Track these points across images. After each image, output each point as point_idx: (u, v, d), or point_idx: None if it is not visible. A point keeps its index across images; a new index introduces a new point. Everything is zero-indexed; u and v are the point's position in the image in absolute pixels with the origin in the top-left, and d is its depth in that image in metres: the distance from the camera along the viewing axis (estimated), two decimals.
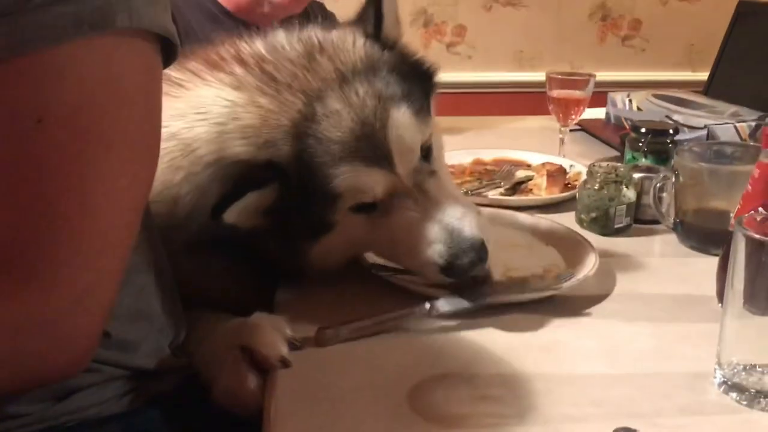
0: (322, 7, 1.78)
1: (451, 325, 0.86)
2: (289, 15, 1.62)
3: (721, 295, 0.91)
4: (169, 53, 0.71)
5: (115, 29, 0.62)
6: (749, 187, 0.90)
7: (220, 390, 0.78)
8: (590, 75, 1.49)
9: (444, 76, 3.21)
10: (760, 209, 0.88)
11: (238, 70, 0.89)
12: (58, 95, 0.60)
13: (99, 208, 0.63)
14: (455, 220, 0.87)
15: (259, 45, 0.92)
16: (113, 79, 0.63)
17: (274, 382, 0.75)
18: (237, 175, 0.82)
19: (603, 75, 2.82)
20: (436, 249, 0.86)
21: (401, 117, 0.86)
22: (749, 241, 0.72)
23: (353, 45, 0.91)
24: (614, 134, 1.68)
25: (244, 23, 1.56)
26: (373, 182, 0.86)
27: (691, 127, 1.53)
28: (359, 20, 0.97)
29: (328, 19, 1.73)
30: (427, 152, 0.90)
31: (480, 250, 0.86)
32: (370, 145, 0.85)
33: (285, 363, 0.77)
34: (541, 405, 0.72)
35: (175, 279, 0.84)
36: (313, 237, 0.88)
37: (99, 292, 0.64)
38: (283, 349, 0.78)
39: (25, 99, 0.60)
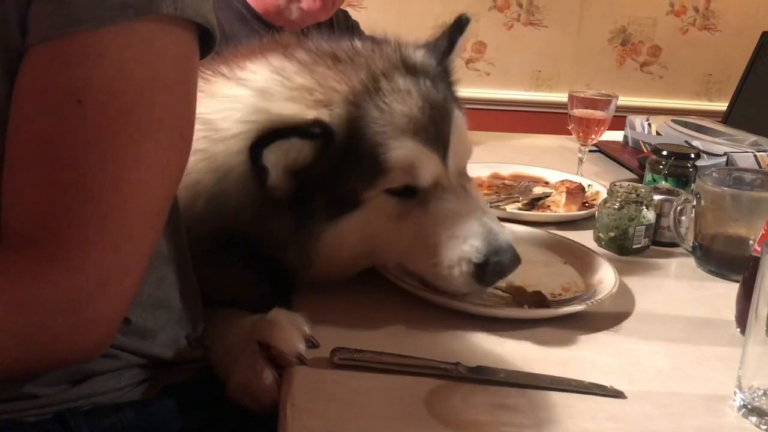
0: (346, 15, 1.79)
1: (470, 333, 0.86)
2: (317, 22, 1.63)
3: (740, 320, 0.91)
4: (207, 44, 0.71)
5: (159, 15, 0.62)
6: None
7: (235, 384, 0.78)
8: (612, 96, 1.50)
9: (462, 92, 3.22)
10: None
11: (294, 50, 0.91)
12: (98, 77, 0.61)
13: (131, 193, 0.63)
14: (494, 222, 0.88)
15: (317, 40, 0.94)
16: (153, 64, 0.64)
17: (290, 378, 0.75)
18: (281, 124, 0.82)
19: (620, 99, 2.84)
20: (473, 244, 0.85)
21: (461, 118, 0.91)
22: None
23: (414, 48, 0.97)
24: (632, 157, 1.69)
25: (272, 27, 1.57)
26: (430, 165, 0.87)
27: (711, 154, 1.53)
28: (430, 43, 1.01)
29: (352, 28, 1.75)
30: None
31: (516, 254, 0.87)
32: (434, 130, 0.87)
33: (301, 360, 0.77)
34: (559, 417, 0.72)
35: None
36: (334, 215, 0.85)
37: (124, 277, 0.64)
38: (300, 346, 0.77)
39: (66, 79, 0.60)
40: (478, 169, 1.50)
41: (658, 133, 1.70)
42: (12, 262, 0.60)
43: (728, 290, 0.97)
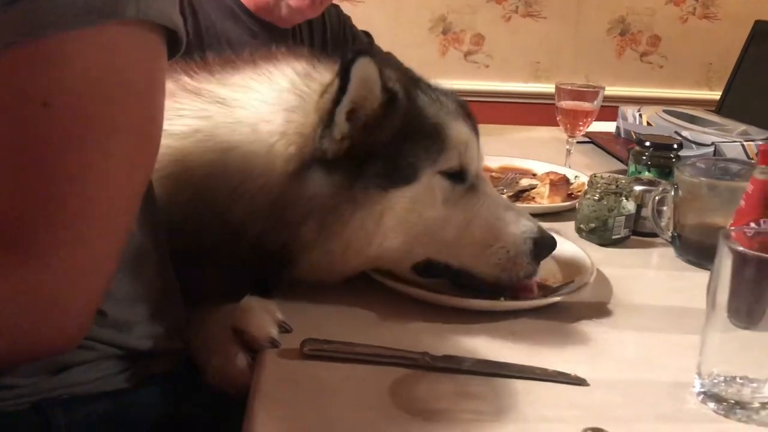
0: (338, 10, 1.81)
1: (441, 324, 0.87)
2: (307, 19, 1.64)
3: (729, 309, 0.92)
4: (175, 46, 0.73)
5: (123, 19, 0.64)
6: (742, 203, 0.91)
7: (213, 370, 0.80)
8: (600, 87, 1.51)
9: (460, 85, 3.26)
10: (752, 224, 0.89)
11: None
12: (64, 81, 0.63)
13: (99, 193, 0.65)
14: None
15: None
16: (119, 67, 0.66)
17: (260, 368, 0.77)
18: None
19: (620, 90, 2.85)
20: (527, 224, 0.92)
21: None
22: (736, 255, 0.73)
23: None
24: (623, 148, 1.69)
25: (263, 23, 1.59)
26: (476, 152, 0.95)
27: (699, 144, 1.53)
28: None
29: (343, 22, 1.76)
30: None
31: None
32: (472, 127, 0.96)
33: (274, 343, 0.79)
34: (520, 404, 0.73)
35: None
36: (386, 184, 0.86)
37: (95, 274, 0.67)
38: (273, 331, 0.80)
39: (32, 83, 0.62)
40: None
41: (648, 124, 1.71)
42: None
43: (706, 280, 0.98)
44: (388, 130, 0.87)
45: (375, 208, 0.86)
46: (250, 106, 0.89)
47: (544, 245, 0.93)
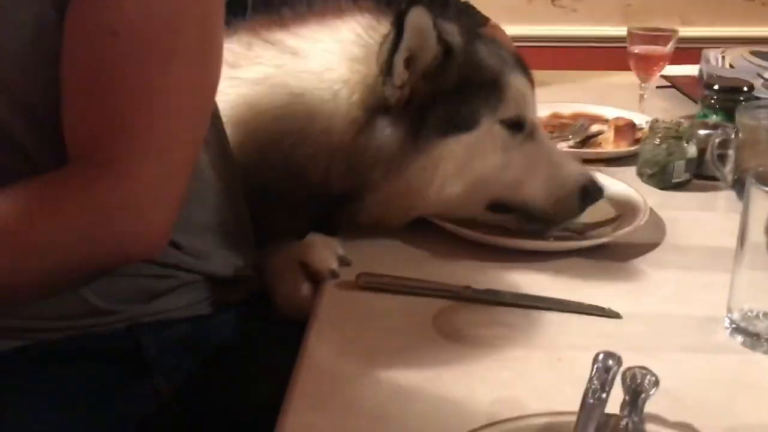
0: None
1: (490, 263, 0.94)
2: None
3: None
4: None
5: None
6: None
7: (281, 297, 0.91)
8: (673, 30, 1.49)
9: (548, 30, 3.22)
10: None
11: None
12: (129, 12, 0.72)
13: (165, 109, 0.75)
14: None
15: None
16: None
17: (320, 297, 0.87)
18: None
19: (719, 30, 2.73)
20: (577, 171, 1.00)
21: None
22: None
23: None
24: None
25: None
26: (534, 100, 1.01)
27: None
28: None
29: None
30: None
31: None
32: (529, 78, 1.02)
33: (334, 274, 0.89)
34: (552, 334, 0.80)
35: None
36: (449, 131, 0.92)
37: (168, 184, 0.76)
38: (333, 264, 0.90)
39: (102, 15, 0.72)
40: (537, 109, 1.54)
41: (731, 66, 1.67)
42: (72, 173, 0.74)
43: None
44: (448, 80, 0.93)
45: (435, 153, 0.93)
46: (318, 55, 0.97)
47: (592, 190, 0.99)
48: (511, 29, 2.23)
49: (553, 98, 1.62)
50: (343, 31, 0.99)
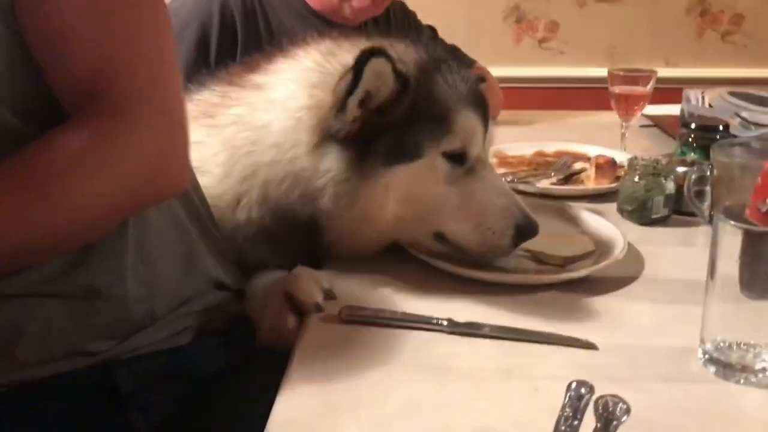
0: (403, 6, 1.89)
1: (470, 295, 0.96)
2: (372, 17, 1.74)
3: (741, 281, 0.96)
4: None
5: None
6: (759, 180, 0.95)
7: (266, 326, 0.93)
8: (651, 71, 1.53)
9: (535, 72, 3.29)
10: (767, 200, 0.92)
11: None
12: None
13: (154, 48, 0.80)
14: (516, 196, 1.05)
15: None
16: None
17: (304, 330, 0.89)
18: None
19: (701, 72, 2.80)
20: (515, 211, 1.00)
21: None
22: (746, 232, 0.78)
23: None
24: None
25: (330, 23, 1.70)
26: (480, 137, 1.03)
27: (758, 125, 1.53)
28: None
29: (408, 18, 1.85)
30: None
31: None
32: (482, 112, 1.04)
33: (318, 308, 0.91)
34: (530, 365, 0.82)
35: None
36: (392, 161, 0.95)
37: (179, 130, 0.80)
38: (318, 297, 0.92)
39: None
40: (522, 147, 1.58)
41: (710, 105, 1.71)
42: (87, 127, 0.76)
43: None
44: (398, 112, 0.96)
45: (381, 181, 0.96)
46: (281, 85, 1.02)
47: (525, 231, 1.00)
48: (499, 71, 2.29)
49: (538, 137, 1.67)
50: (304, 59, 1.05)
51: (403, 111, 0.96)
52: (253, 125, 1.01)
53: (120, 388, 0.85)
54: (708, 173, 1.15)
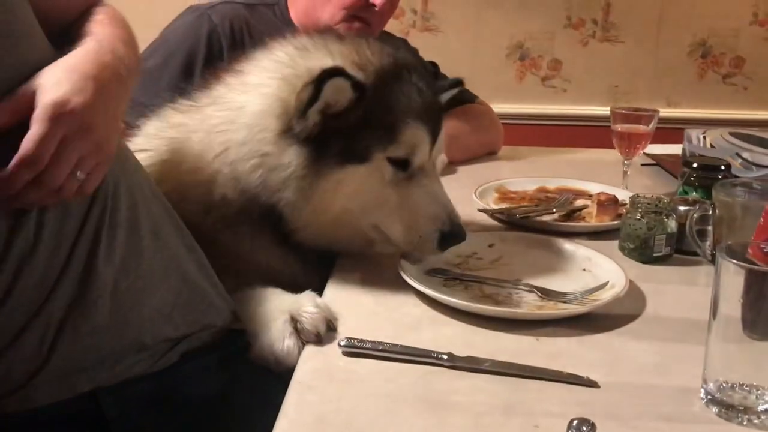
0: (405, 43, 1.91)
1: (467, 327, 0.95)
2: None
3: (744, 321, 0.96)
4: None
5: None
6: (762, 220, 0.95)
7: (263, 344, 0.94)
8: (654, 110, 1.54)
9: (538, 109, 3.31)
10: None
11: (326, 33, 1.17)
12: None
13: None
14: (450, 202, 1.13)
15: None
16: None
17: (303, 356, 0.89)
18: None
19: (702, 112, 2.82)
20: (442, 218, 1.10)
21: (442, 122, 1.16)
22: (749, 271, 0.78)
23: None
24: None
25: None
26: (425, 149, 1.11)
27: (759, 165, 1.54)
28: None
29: (410, 53, 1.86)
30: None
31: (464, 229, 1.12)
32: (432, 126, 1.12)
33: (319, 339, 0.91)
34: (530, 401, 0.81)
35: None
36: (343, 161, 1.04)
37: None
38: (321, 327, 0.93)
39: None
40: (524, 183, 1.59)
41: (711, 146, 1.72)
42: None
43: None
44: (353, 118, 1.04)
45: (333, 178, 1.05)
46: (256, 72, 1.13)
47: (449, 238, 1.10)
48: (502, 107, 2.32)
49: (540, 173, 1.67)
50: (278, 51, 1.14)
51: (357, 117, 1.04)
52: (230, 105, 1.10)
53: (105, 414, 0.85)
54: (710, 212, 1.15)
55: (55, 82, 0.76)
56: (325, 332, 0.93)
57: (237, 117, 1.08)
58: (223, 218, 1.08)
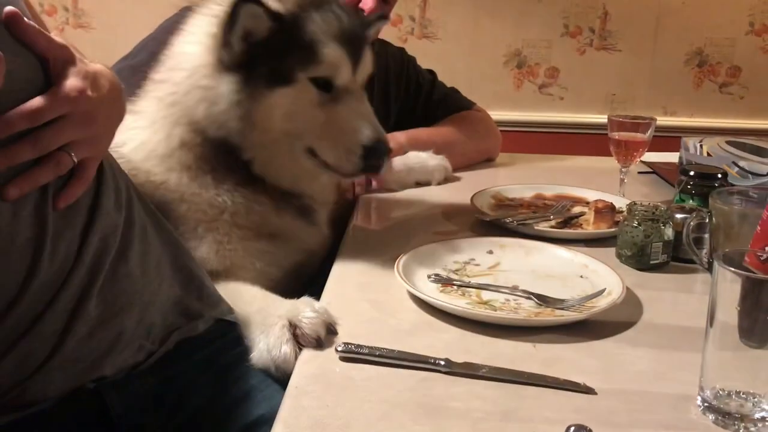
0: (402, 51, 1.90)
1: (465, 333, 0.95)
2: None
3: (741, 328, 0.96)
4: None
5: None
6: (759, 228, 0.95)
7: (263, 348, 0.94)
8: (651, 118, 1.55)
9: (535, 116, 3.32)
10: (766, 248, 0.92)
11: None
12: None
13: None
14: (376, 120, 1.23)
15: None
16: None
17: (302, 360, 0.89)
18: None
19: (699, 121, 2.83)
20: (365, 133, 1.19)
21: (369, 53, 1.26)
22: (746, 279, 0.78)
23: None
24: None
25: None
26: (346, 69, 1.20)
27: (755, 174, 1.55)
28: None
29: (406, 63, 1.87)
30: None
31: (388, 143, 1.21)
32: (353, 49, 1.21)
33: (319, 343, 0.92)
34: (527, 408, 0.81)
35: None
36: (271, 85, 1.14)
37: None
38: (321, 331, 0.93)
39: None
40: (520, 190, 1.59)
41: (708, 154, 1.72)
42: None
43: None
44: (276, 44, 1.14)
45: (266, 102, 1.16)
46: (192, 20, 1.25)
47: (375, 150, 1.19)
48: (500, 114, 2.33)
49: (537, 180, 1.67)
50: (203, 16, 1.24)
51: (279, 42, 1.14)
52: (176, 56, 1.23)
53: (111, 412, 0.85)
54: (707, 220, 1.16)
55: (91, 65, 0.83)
56: (325, 336, 0.93)
57: (180, 62, 1.22)
58: (184, 167, 1.17)
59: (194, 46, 1.20)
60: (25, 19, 0.75)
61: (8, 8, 0.74)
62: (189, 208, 1.16)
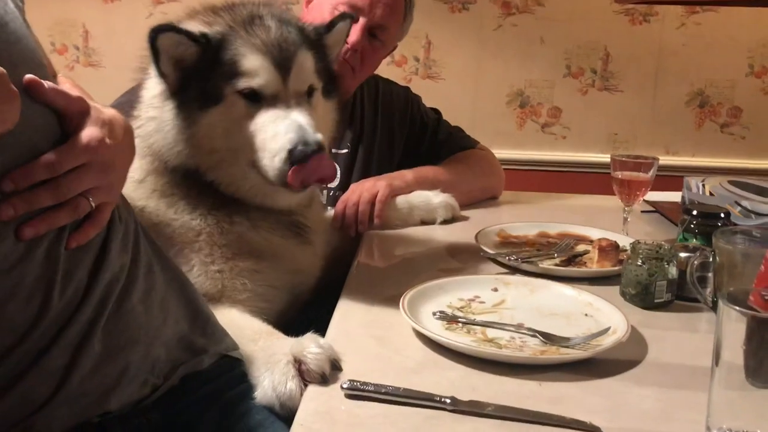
0: (407, 92, 1.91)
1: (470, 371, 0.95)
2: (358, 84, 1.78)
3: (747, 368, 0.96)
4: None
5: None
6: (762, 267, 0.96)
7: (268, 385, 0.94)
8: (654, 158, 1.56)
9: (538, 155, 3.35)
10: None
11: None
12: None
13: None
14: (305, 123, 1.19)
15: None
16: None
17: (306, 397, 0.89)
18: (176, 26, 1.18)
19: (700, 161, 2.85)
20: (289, 135, 1.16)
21: (308, 60, 1.25)
22: (752, 318, 0.78)
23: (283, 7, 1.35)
24: None
25: None
26: (271, 78, 1.20)
27: (758, 214, 1.55)
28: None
29: (411, 102, 1.89)
30: (310, 93, 1.26)
31: (319, 143, 1.17)
32: (281, 57, 1.21)
33: (324, 379, 0.92)
34: None
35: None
36: (203, 105, 1.17)
37: None
38: (326, 367, 0.93)
39: None
40: (525, 227, 1.60)
41: (710, 194, 1.73)
42: None
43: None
44: (204, 65, 1.18)
45: (202, 122, 1.20)
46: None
47: (296, 153, 1.15)
48: (503, 153, 2.35)
49: (541, 218, 1.68)
50: None
51: (206, 63, 1.17)
52: (143, 89, 1.28)
53: None
54: (710, 259, 1.16)
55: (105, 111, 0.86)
56: (330, 372, 0.93)
57: (142, 96, 1.27)
58: (163, 195, 1.21)
59: (152, 79, 1.25)
60: (44, 84, 0.78)
61: (28, 76, 0.77)
62: (174, 231, 1.20)
